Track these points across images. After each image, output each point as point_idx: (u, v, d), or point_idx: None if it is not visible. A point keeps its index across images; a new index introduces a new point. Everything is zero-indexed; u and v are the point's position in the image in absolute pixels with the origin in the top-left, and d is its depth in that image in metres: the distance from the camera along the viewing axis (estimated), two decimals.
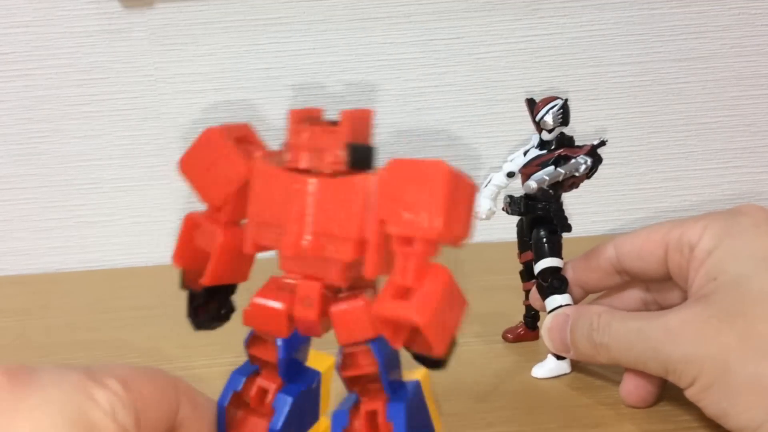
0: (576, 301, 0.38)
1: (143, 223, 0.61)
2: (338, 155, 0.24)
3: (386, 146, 0.60)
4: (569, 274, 0.38)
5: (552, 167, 0.38)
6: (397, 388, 0.26)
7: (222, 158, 0.26)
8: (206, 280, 0.26)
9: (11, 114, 0.58)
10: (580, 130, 0.60)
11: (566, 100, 0.39)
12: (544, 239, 0.39)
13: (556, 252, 0.38)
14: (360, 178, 0.24)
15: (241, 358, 0.43)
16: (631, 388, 0.35)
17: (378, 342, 0.24)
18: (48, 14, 0.56)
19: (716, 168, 0.62)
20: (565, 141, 0.40)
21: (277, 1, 0.56)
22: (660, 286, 0.37)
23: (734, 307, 0.30)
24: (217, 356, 0.44)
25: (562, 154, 0.39)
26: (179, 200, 0.61)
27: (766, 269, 0.30)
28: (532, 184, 0.37)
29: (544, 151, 0.40)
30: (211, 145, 0.26)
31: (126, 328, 0.49)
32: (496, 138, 0.60)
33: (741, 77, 0.60)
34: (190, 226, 0.27)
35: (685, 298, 0.33)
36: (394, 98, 0.59)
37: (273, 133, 0.63)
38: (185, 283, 0.27)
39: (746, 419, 0.28)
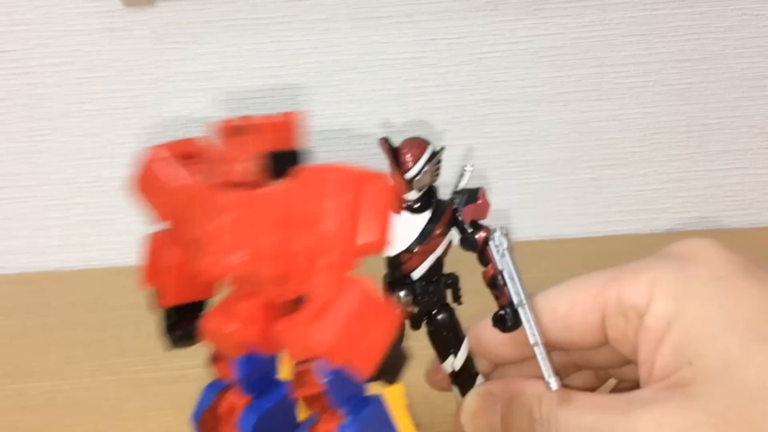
0: (484, 376, 0.30)
1: (144, 221, 0.61)
2: (248, 166, 0.24)
3: None
4: (472, 344, 0.29)
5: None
6: (356, 405, 0.24)
7: (161, 180, 0.26)
8: (167, 300, 0.26)
9: (12, 112, 0.58)
10: (581, 130, 0.61)
11: (442, 149, 0.30)
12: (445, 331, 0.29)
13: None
14: (268, 190, 0.23)
15: None
16: None
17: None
18: (49, 12, 0.56)
19: (718, 169, 0.62)
20: (440, 207, 0.30)
21: (278, 0, 0.56)
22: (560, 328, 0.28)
23: (730, 409, 0.22)
24: None
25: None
26: None
27: (755, 349, 0.23)
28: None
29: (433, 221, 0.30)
30: (152, 167, 0.27)
31: (126, 326, 0.49)
32: (497, 138, 0.60)
33: (743, 78, 0.59)
34: (156, 245, 0.26)
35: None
36: (396, 98, 0.59)
37: None
38: (156, 303, 0.26)
39: None
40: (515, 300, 0.26)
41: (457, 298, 0.29)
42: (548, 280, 0.28)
